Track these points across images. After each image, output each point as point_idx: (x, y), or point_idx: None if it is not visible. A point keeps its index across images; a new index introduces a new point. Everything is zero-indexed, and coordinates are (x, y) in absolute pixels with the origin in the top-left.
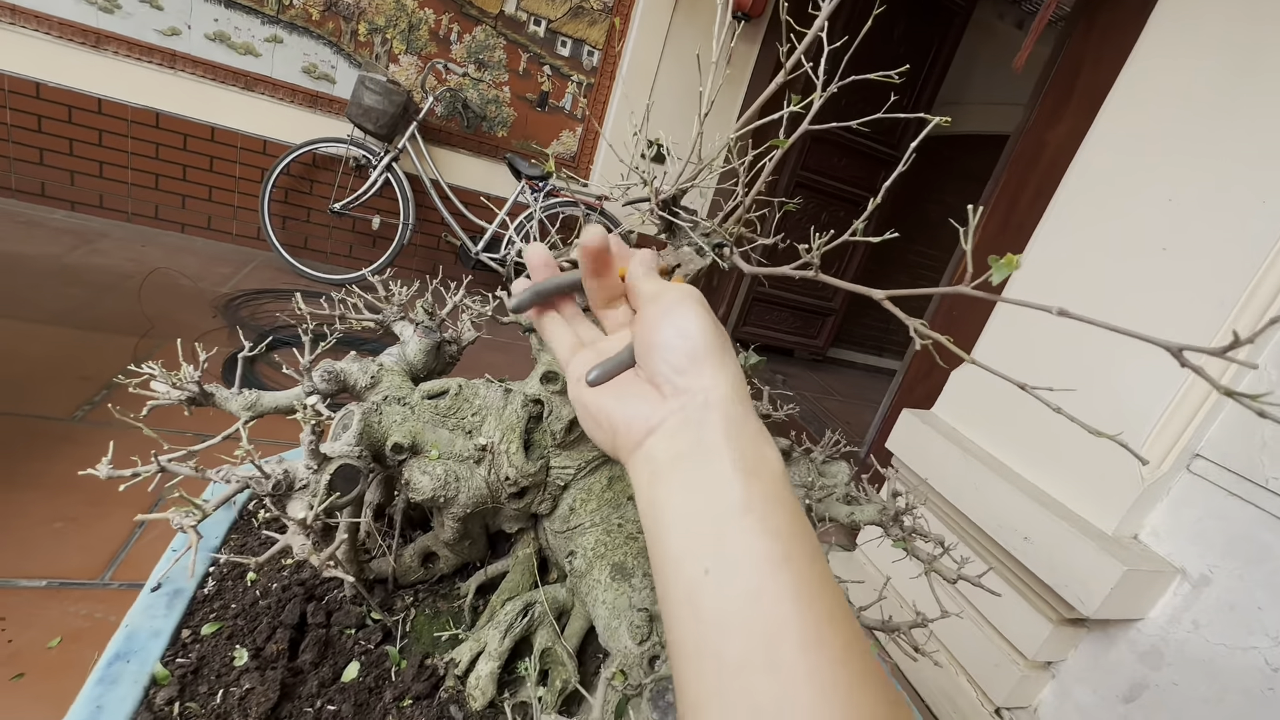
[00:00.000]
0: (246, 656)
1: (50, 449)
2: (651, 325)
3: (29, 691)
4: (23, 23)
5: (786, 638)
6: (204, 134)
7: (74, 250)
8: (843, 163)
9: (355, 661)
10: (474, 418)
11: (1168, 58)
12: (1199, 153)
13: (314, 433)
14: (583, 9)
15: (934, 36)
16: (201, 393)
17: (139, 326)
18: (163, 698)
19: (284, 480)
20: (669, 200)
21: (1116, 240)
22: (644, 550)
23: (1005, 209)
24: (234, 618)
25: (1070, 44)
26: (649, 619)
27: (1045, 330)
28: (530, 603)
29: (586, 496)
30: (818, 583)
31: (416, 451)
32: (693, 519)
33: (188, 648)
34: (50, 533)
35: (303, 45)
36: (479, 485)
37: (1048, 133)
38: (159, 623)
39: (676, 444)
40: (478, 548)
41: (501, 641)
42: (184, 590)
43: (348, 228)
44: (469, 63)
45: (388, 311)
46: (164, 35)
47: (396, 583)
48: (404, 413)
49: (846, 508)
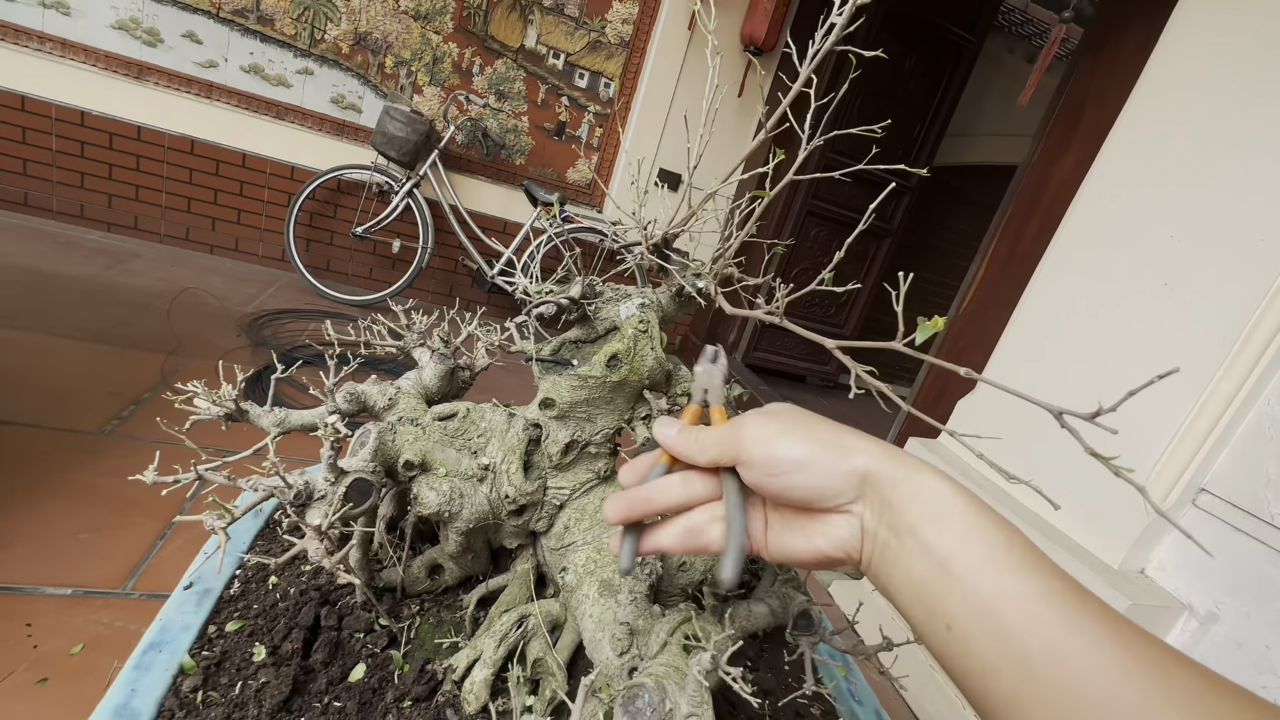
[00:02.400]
0: (264, 653)
1: (79, 461)
2: (776, 490)
3: (52, 696)
4: (71, 55)
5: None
6: (235, 160)
7: (108, 270)
8: (853, 191)
9: (362, 663)
10: (479, 439)
11: (1169, 95)
12: (1200, 190)
13: (333, 448)
14: (600, 43)
15: (945, 69)
16: (238, 410)
17: (167, 344)
18: (188, 686)
19: (304, 490)
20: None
21: (1119, 275)
22: None
23: (1011, 240)
24: (255, 617)
25: (1075, 80)
26: (630, 632)
27: (1051, 363)
28: (525, 615)
29: (580, 516)
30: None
31: (426, 469)
32: (916, 589)
33: (213, 642)
34: (76, 543)
35: (332, 77)
36: (481, 502)
37: (1052, 167)
38: (189, 618)
39: (878, 541)
40: (480, 562)
41: (496, 650)
42: (213, 590)
43: (369, 251)
44: (489, 94)
45: (408, 338)
46: (202, 67)
47: (404, 592)
48: (416, 432)
49: None
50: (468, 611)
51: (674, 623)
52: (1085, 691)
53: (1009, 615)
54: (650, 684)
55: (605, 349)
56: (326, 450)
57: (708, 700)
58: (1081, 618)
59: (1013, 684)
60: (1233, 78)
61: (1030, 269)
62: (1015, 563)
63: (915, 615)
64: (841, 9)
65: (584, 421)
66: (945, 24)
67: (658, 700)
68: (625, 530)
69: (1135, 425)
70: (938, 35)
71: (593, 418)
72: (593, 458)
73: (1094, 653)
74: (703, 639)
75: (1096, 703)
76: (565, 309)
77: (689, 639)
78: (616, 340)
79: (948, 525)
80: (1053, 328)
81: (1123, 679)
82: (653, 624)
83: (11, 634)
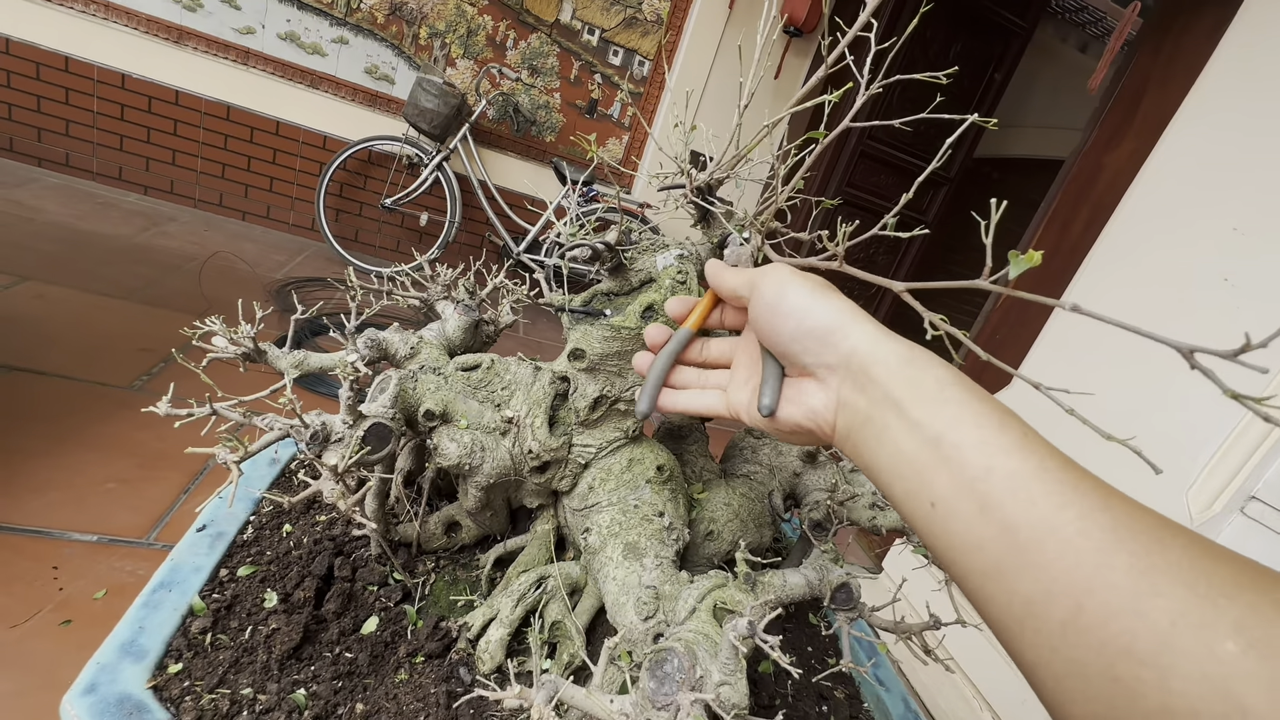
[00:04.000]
0: (276, 600)
1: (109, 414)
2: (769, 326)
3: (74, 638)
4: (115, 18)
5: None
6: (270, 128)
7: (144, 231)
8: (889, 181)
9: (375, 616)
10: (503, 391)
11: (1239, 81)
12: (1269, 180)
13: (352, 389)
14: (636, 20)
15: (992, 55)
16: (255, 349)
17: (197, 306)
18: (197, 627)
19: (321, 431)
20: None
21: (1174, 268)
22: (657, 532)
23: (1057, 233)
24: (268, 563)
25: (1136, 64)
26: (655, 596)
27: (1092, 364)
28: (544, 576)
29: (605, 476)
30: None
31: (447, 419)
32: (900, 465)
33: (224, 586)
34: (103, 492)
35: (367, 47)
36: (503, 456)
37: (1106, 155)
38: (201, 560)
39: (858, 415)
40: (499, 520)
41: (514, 610)
42: (226, 533)
43: (396, 223)
44: (523, 68)
45: (432, 290)
46: (240, 33)
47: (420, 548)
48: (438, 382)
49: (869, 512)
50: (484, 571)
51: (704, 589)
52: (1073, 559)
53: (997, 492)
54: (680, 648)
55: (641, 299)
56: (345, 391)
57: (742, 668)
58: (1073, 490)
59: (997, 556)
60: None
61: (1076, 263)
62: (1009, 444)
63: (896, 491)
64: None
65: (614, 376)
66: (996, 8)
67: (688, 666)
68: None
69: (1179, 429)
70: (988, 20)
71: (624, 372)
72: (622, 415)
73: (1083, 521)
74: (735, 607)
75: (1084, 568)
76: (600, 254)
77: (721, 605)
78: (654, 290)
79: (941, 407)
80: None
81: (1114, 545)
82: (680, 589)
83: (39, 575)
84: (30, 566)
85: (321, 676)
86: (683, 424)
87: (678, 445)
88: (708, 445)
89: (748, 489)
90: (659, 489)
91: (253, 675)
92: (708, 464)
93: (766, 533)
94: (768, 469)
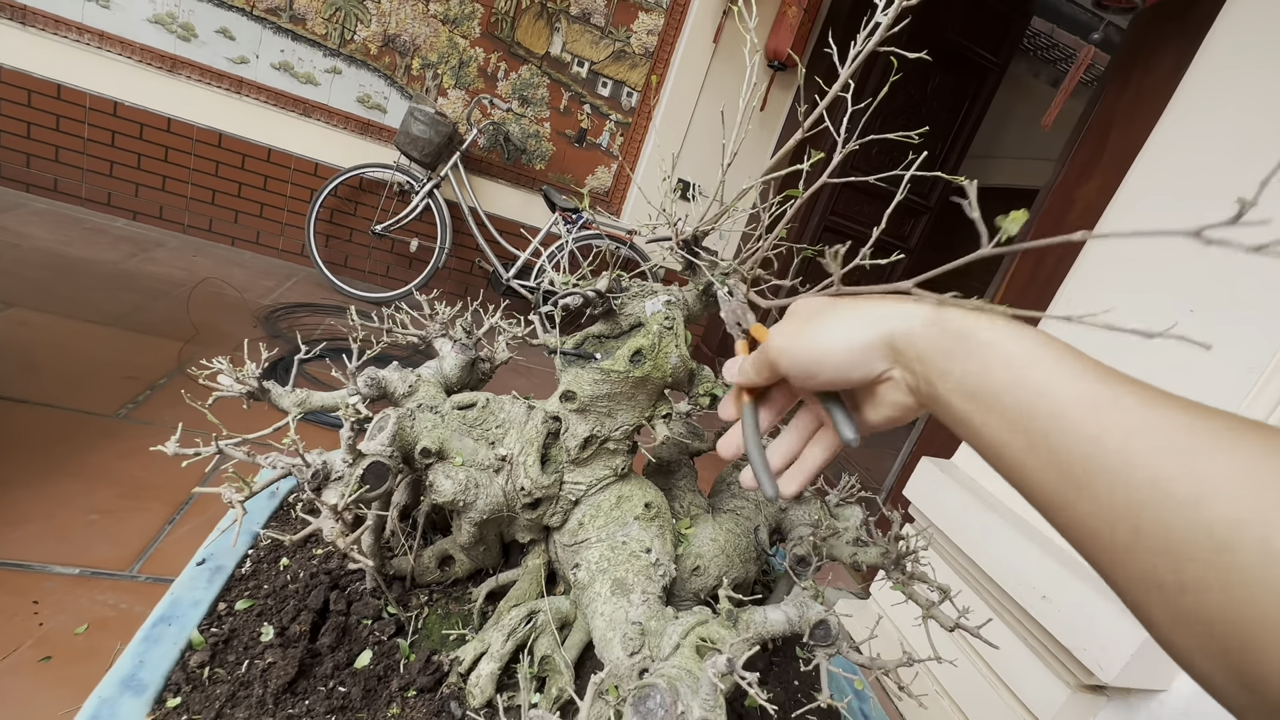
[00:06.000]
0: (272, 633)
1: (93, 443)
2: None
3: (54, 675)
4: (108, 47)
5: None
6: (261, 155)
7: (131, 257)
8: (872, 209)
9: (369, 650)
10: (498, 429)
11: (1200, 121)
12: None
13: (353, 429)
14: (624, 53)
15: (968, 91)
16: (260, 388)
17: (184, 332)
18: (196, 661)
19: (322, 470)
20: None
21: (1143, 299)
22: (645, 568)
23: (1032, 264)
24: (265, 597)
25: (1103, 103)
26: (641, 632)
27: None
28: (534, 610)
29: (595, 513)
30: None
31: (443, 457)
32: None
33: (222, 619)
34: (86, 523)
35: (359, 77)
36: (496, 493)
37: (1077, 190)
38: (200, 594)
39: (931, 390)
40: (491, 554)
41: (504, 644)
42: (225, 567)
43: (387, 249)
44: (513, 99)
45: (430, 329)
46: (234, 63)
47: (414, 581)
48: (434, 420)
49: (851, 549)
50: (476, 605)
51: (688, 625)
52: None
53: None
54: (663, 684)
55: (630, 344)
56: (346, 431)
57: (721, 705)
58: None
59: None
60: (1265, 106)
61: (1051, 292)
62: (1089, 373)
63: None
64: (886, 10)
65: (604, 416)
66: (970, 45)
67: (669, 702)
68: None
69: None
70: (963, 57)
71: (613, 413)
72: (611, 454)
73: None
74: (717, 643)
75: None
76: (591, 301)
77: (703, 641)
78: (641, 336)
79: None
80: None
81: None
82: (665, 625)
83: (19, 610)
84: (9, 601)
85: (315, 711)
86: (671, 459)
87: (666, 480)
88: (696, 480)
89: (734, 524)
90: (647, 525)
91: (249, 709)
92: (695, 499)
93: (752, 567)
94: (754, 504)
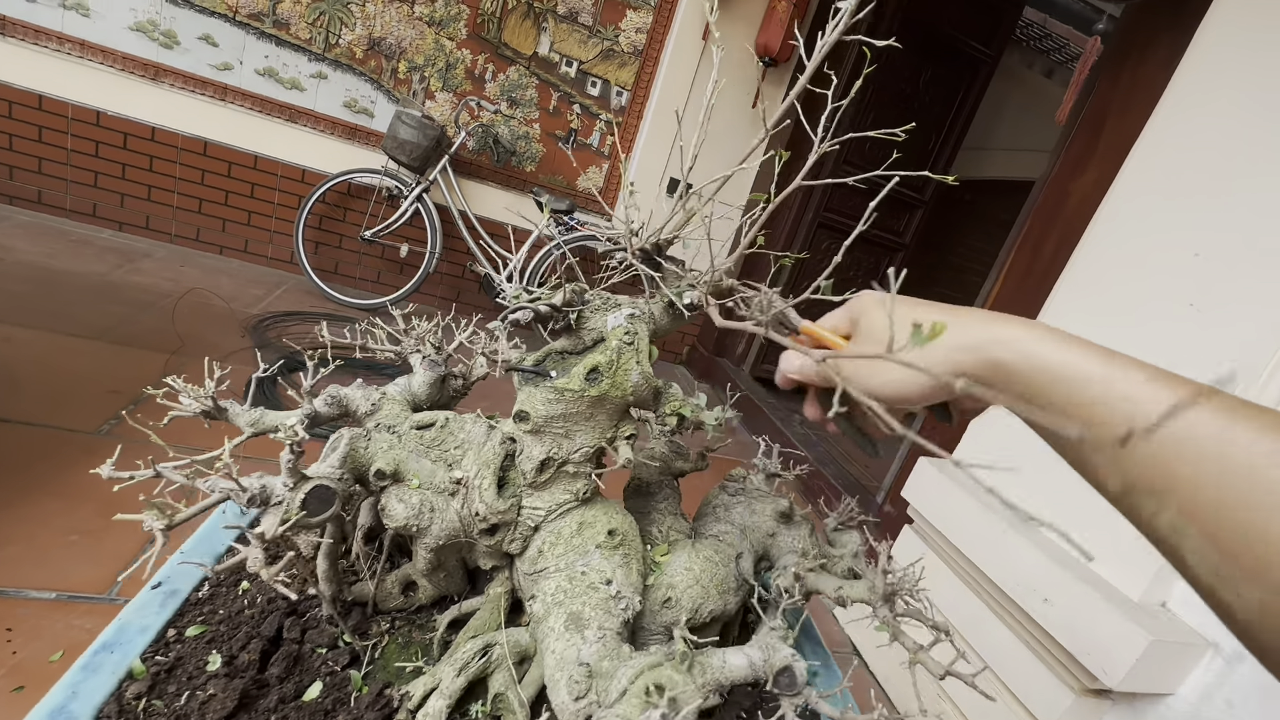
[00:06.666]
0: (220, 662)
1: (74, 460)
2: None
3: (27, 704)
4: (90, 56)
5: None
6: (247, 162)
7: (117, 269)
8: (866, 205)
9: (319, 681)
10: (456, 451)
11: (1194, 111)
12: (1227, 206)
13: (293, 453)
14: (613, 52)
15: (961, 83)
16: (216, 407)
17: (171, 344)
18: (133, 692)
19: (259, 495)
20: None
21: (1141, 293)
22: (603, 601)
23: (1028, 257)
24: (219, 623)
25: (1096, 95)
26: (589, 674)
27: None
28: (490, 644)
29: (555, 540)
30: None
31: (399, 479)
32: None
33: (170, 646)
34: (65, 545)
35: (345, 81)
36: (452, 518)
37: (1072, 182)
38: (150, 619)
39: None
40: (454, 581)
41: (455, 679)
42: (180, 591)
43: (377, 255)
44: (502, 100)
45: (405, 344)
46: (218, 70)
47: (376, 608)
48: (391, 440)
49: (835, 581)
50: (437, 634)
51: (639, 668)
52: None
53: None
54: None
55: (586, 361)
56: (286, 454)
57: None
58: None
59: None
60: (1259, 93)
61: (1048, 286)
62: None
63: None
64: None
65: (561, 438)
66: (962, 37)
67: None
68: None
69: None
70: (955, 48)
71: (571, 434)
72: (571, 478)
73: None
74: (669, 688)
75: None
76: (545, 316)
77: (655, 687)
78: (599, 352)
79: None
80: None
81: None
82: (617, 667)
83: None
84: None
85: None
86: (651, 480)
87: (645, 503)
88: (679, 503)
89: (714, 551)
90: (610, 554)
91: None
92: (677, 523)
93: (732, 599)
94: (739, 529)
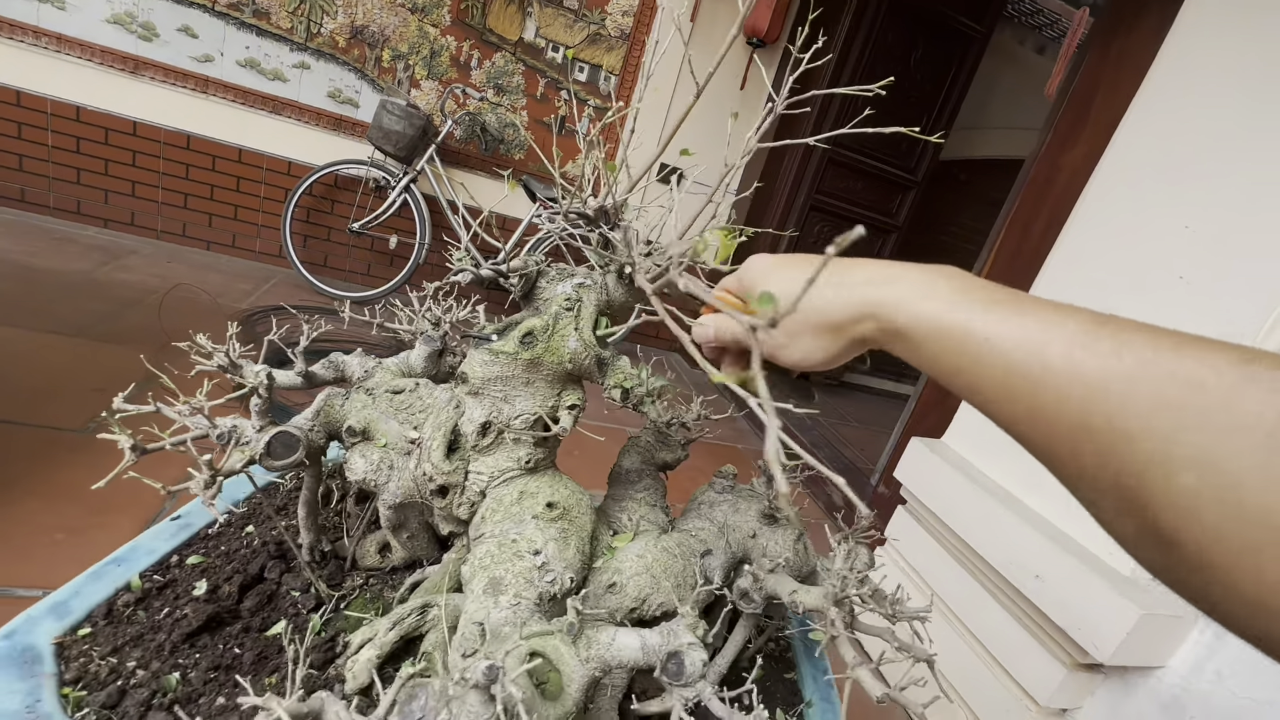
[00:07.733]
0: (205, 589)
1: (59, 459)
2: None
3: None
4: (67, 50)
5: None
6: (232, 155)
7: (102, 266)
8: (859, 186)
9: (285, 620)
10: (421, 414)
11: (1183, 84)
12: (1216, 178)
13: (260, 397)
14: (600, 36)
15: (952, 61)
16: (232, 363)
17: (157, 341)
18: (124, 600)
19: (228, 434)
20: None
21: (1132, 268)
22: (526, 570)
23: (1019, 234)
24: (216, 557)
25: (1087, 66)
26: (481, 634)
27: None
28: (429, 604)
29: (496, 507)
30: None
31: (368, 437)
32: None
33: (169, 570)
34: (50, 543)
35: (329, 71)
36: (407, 478)
37: (1062, 157)
38: (160, 544)
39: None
40: (422, 544)
41: (388, 633)
42: (193, 525)
43: (366, 246)
44: (488, 87)
45: (416, 323)
46: (198, 62)
47: (354, 564)
48: (365, 400)
49: (791, 584)
50: (398, 594)
51: (530, 632)
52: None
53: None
54: (435, 686)
55: (522, 325)
56: (256, 400)
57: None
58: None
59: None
60: (1248, 65)
61: (1038, 263)
62: None
63: None
64: None
65: (500, 402)
66: (953, 14)
67: (432, 707)
68: None
69: None
70: (945, 26)
71: (509, 399)
72: (515, 444)
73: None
74: (552, 658)
75: None
76: (487, 280)
77: (536, 654)
78: (536, 317)
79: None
80: None
81: None
82: (514, 633)
83: None
84: None
85: (201, 664)
86: (634, 468)
87: (623, 491)
88: (662, 496)
89: (675, 544)
90: (545, 526)
91: (144, 651)
92: (651, 514)
93: (687, 594)
94: (718, 526)
